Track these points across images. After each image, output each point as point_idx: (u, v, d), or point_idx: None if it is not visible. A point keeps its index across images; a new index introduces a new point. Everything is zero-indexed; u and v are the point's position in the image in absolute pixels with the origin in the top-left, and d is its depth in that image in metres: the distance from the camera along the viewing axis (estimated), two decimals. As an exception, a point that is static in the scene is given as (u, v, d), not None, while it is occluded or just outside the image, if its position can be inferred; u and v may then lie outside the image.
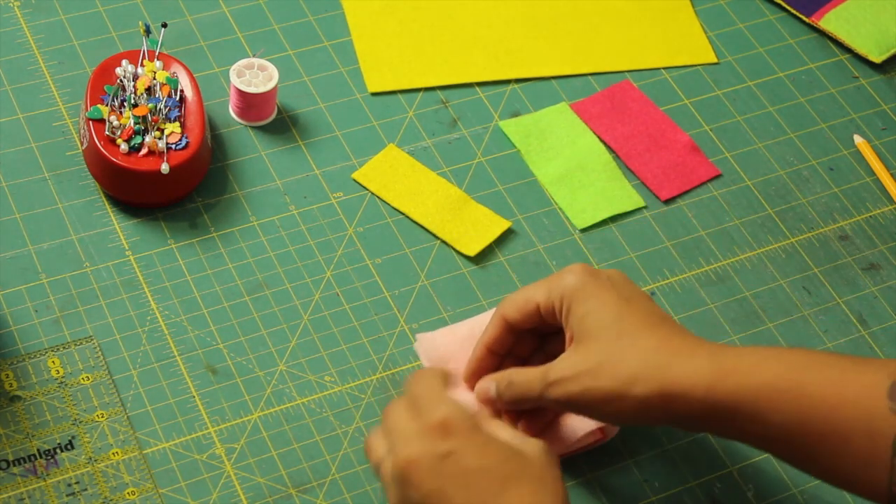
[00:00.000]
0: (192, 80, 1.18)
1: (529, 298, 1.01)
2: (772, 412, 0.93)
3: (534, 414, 1.04)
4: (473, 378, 1.04)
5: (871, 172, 1.26)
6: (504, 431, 0.96)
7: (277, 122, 1.23)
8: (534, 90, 1.28)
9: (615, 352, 0.96)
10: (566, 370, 0.97)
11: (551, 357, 1.01)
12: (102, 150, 1.13)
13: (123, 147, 1.13)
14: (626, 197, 1.21)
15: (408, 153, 1.22)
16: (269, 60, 1.23)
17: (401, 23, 1.30)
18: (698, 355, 0.95)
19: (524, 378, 1.00)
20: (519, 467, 0.92)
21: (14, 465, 1.01)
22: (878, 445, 0.90)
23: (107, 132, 1.14)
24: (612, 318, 0.97)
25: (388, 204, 1.19)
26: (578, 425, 1.05)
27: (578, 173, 1.22)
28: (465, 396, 1.05)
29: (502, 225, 1.18)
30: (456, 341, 1.09)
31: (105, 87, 1.16)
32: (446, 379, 1.00)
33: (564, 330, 1.00)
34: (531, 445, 0.94)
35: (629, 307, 0.98)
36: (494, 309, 1.05)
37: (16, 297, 1.09)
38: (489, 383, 1.02)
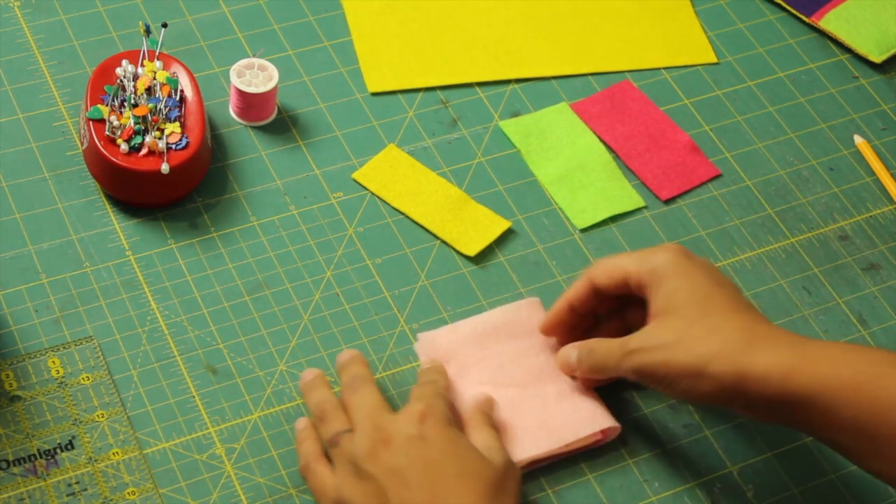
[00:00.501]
0: (192, 80, 1.18)
1: (620, 266, 1.03)
2: (846, 407, 0.94)
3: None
4: (548, 329, 1.08)
5: (871, 172, 1.26)
6: (480, 437, 0.99)
7: (277, 122, 1.23)
8: (534, 90, 1.28)
9: (697, 329, 0.98)
10: (647, 340, 0.99)
11: (628, 324, 1.05)
12: (102, 150, 1.13)
13: (123, 147, 1.13)
14: (626, 197, 1.21)
15: (408, 153, 1.22)
16: (269, 60, 1.23)
17: (401, 23, 1.30)
18: (780, 343, 0.97)
19: (605, 347, 1.03)
20: (478, 468, 0.95)
21: (14, 465, 1.01)
22: None
23: (107, 132, 1.14)
24: (700, 296, 1.00)
25: (388, 204, 1.19)
26: (579, 425, 1.05)
27: (578, 173, 1.22)
28: (469, 392, 1.06)
29: (502, 225, 1.18)
30: (457, 341, 1.09)
31: (105, 87, 1.16)
32: (447, 390, 1.03)
33: (649, 303, 1.02)
34: (498, 454, 0.98)
35: (718, 290, 1.00)
36: (506, 305, 1.08)
37: (16, 297, 1.09)
38: (571, 350, 1.05)
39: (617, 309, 1.08)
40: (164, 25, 1.20)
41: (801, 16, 1.36)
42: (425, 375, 1.05)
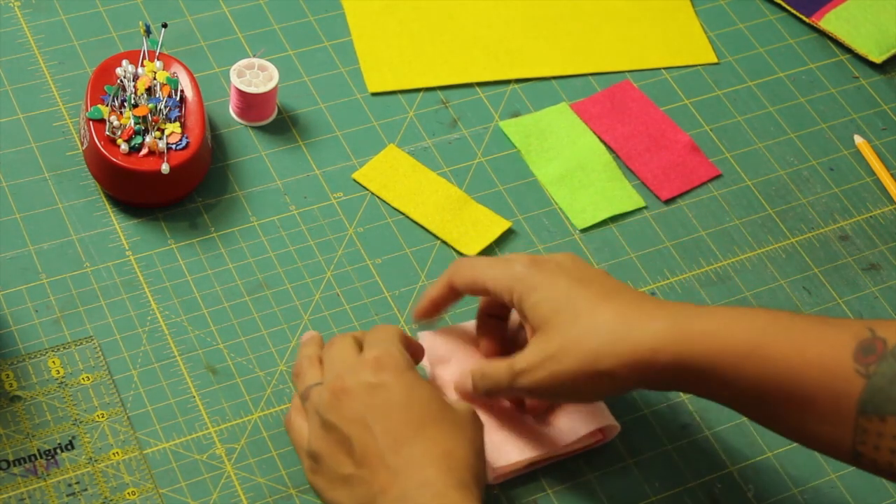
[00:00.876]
0: (193, 80, 1.18)
1: (476, 278, 1.03)
2: (737, 376, 0.93)
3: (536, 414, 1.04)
4: (419, 316, 1.08)
5: (871, 172, 1.26)
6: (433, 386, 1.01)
7: (277, 122, 1.23)
8: (534, 90, 1.28)
9: (574, 333, 0.97)
10: (530, 359, 0.98)
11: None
12: (102, 150, 1.13)
13: (123, 147, 1.13)
14: (626, 197, 1.21)
15: (408, 153, 1.22)
16: (269, 60, 1.23)
17: (401, 23, 1.30)
18: (658, 320, 0.95)
19: (495, 370, 1.01)
20: (441, 413, 0.96)
21: (14, 465, 1.01)
22: (842, 406, 0.90)
23: (107, 132, 1.14)
24: (564, 301, 0.98)
25: (388, 204, 1.19)
26: (579, 425, 1.05)
27: (578, 173, 1.22)
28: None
29: (502, 225, 1.18)
30: (457, 340, 1.08)
31: (105, 87, 1.16)
32: (402, 336, 1.02)
33: (522, 318, 1.01)
34: (460, 404, 0.98)
35: (580, 287, 0.99)
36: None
37: (16, 297, 1.09)
38: (466, 377, 1.04)
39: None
40: (164, 25, 1.20)
41: (801, 16, 1.36)
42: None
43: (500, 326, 1.07)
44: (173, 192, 1.15)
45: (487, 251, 1.17)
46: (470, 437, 0.97)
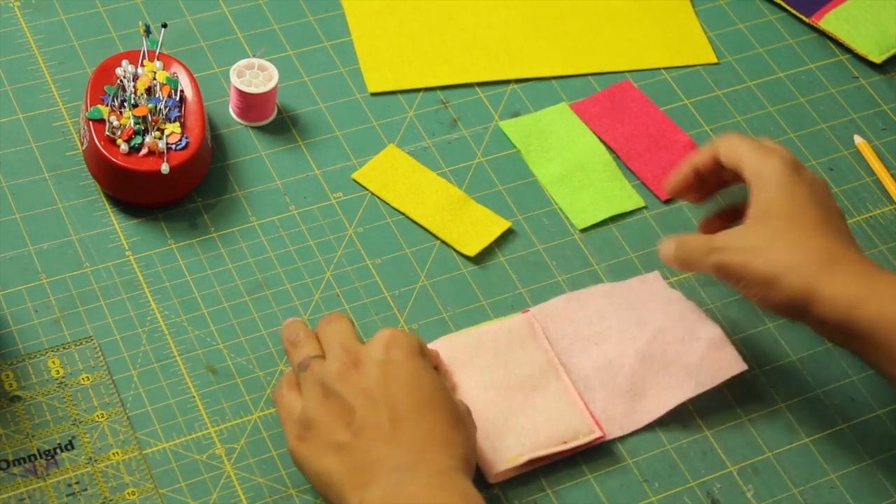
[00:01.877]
0: (192, 80, 1.18)
1: (738, 153, 1.07)
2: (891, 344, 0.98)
3: None
4: (673, 191, 1.13)
5: (871, 172, 1.26)
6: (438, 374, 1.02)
7: (277, 122, 1.23)
8: (534, 90, 1.28)
9: (781, 240, 1.02)
10: (732, 241, 1.04)
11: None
12: (102, 150, 1.13)
13: (123, 147, 1.13)
14: (626, 197, 1.21)
15: (408, 153, 1.22)
16: (269, 60, 1.23)
17: (401, 23, 1.30)
18: (854, 272, 1.00)
19: (694, 241, 1.07)
20: (444, 401, 0.98)
21: (14, 465, 1.01)
22: None
23: (107, 132, 1.14)
24: (794, 211, 1.03)
25: (388, 204, 1.19)
26: (579, 425, 1.05)
27: (578, 173, 1.22)
28: (471, 396, 1.06)
29: (502, 225, 1.18)
30: (456, 348, 1.08)
31: (105, 87, 1.16)
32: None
33: (750, 202, 1.05)
34: (460, 402, 1.00)
35: (813, 208, 1.04)
36: (501, 320, 1.09)
37: (16, 297, 1.09)
38: (670, 241, 1.09)
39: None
40: (164, 25, 1.20)
41: (801, 16, 1.36)
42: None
43: (692, 181, 1.12)
44: (173, 192, 1.15)
45: (487, 251, 1.17)
46: (468, 430, 0.99)
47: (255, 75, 1.21)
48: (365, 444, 0.96)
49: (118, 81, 1.16)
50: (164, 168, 1.12)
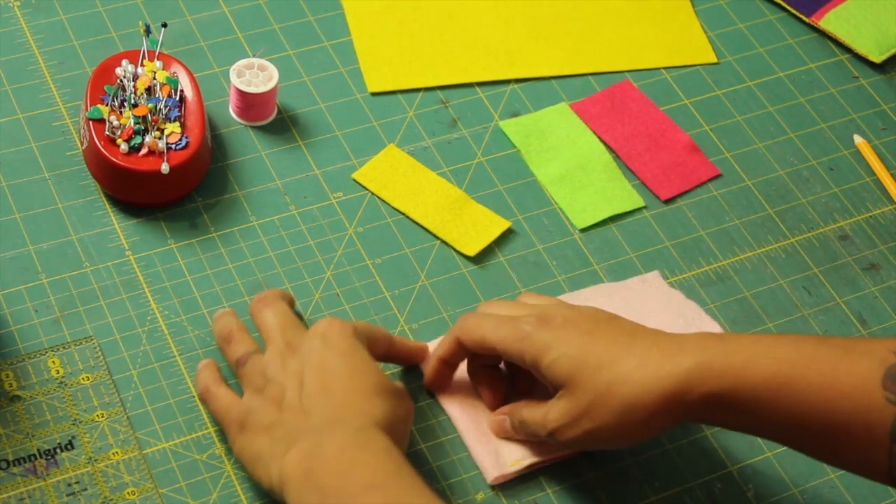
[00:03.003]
0: (192, 80, 1.18)
1: (485, 339, 1.02)
2: (768, 410, 0.93)
3: None
4: (432, 385, 1.07)
5: (871, 172, 1.26)
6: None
7: (277, 122, 1.23)
8: (534, 90, 1.28)
9: (601, 388, 0.97)
10: (561, 418, 0.99)
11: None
12: (102, 150, 1.13)
13: (123, 147, 1.13)
14: (626, 197, 1.21)
15: (408, 153, 1.22)
16: (269, 60, 1.23)
17: (401, 23, 1.30)
18: (683, 360, 0.95)
19: (532, 419, 1.01)
20: (371, 375, 0.99)
21: (14, 465, 1.01)
22: (875, 434, 0.91)
23: (107, 132, 1.14)
24: (582, 355, 0.98)
25: (388, 204, 1.19)
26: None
27: (578, 173, 1.22)
28: (469, 400, 1.06)
29: (502, 225, 1.18)
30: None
31: (105, 87, 1.16)
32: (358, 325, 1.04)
33: (539, 376, 1.00)
34: (396, 382, 1.00)
35: (593, 338, 0.98)
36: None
37: (16, 297, 1.09)
38: (503, 418, 1.04)
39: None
40: (164, 25, 1.20)
41: (801, 16, 1.36)
42: None
43: (494, 374, 1.06)
44: (173, 191, 1.15)
45: (487, 251, 1.16)
46: (395, 403, 0.98)
47: (255, 75, 1.21)
48: (288, 418, 0.97)
49: (118, 81, 1.16)
50: (164, 168, 1.12)
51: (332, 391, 0.97)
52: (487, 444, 1.04)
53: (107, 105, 1.15)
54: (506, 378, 1.06)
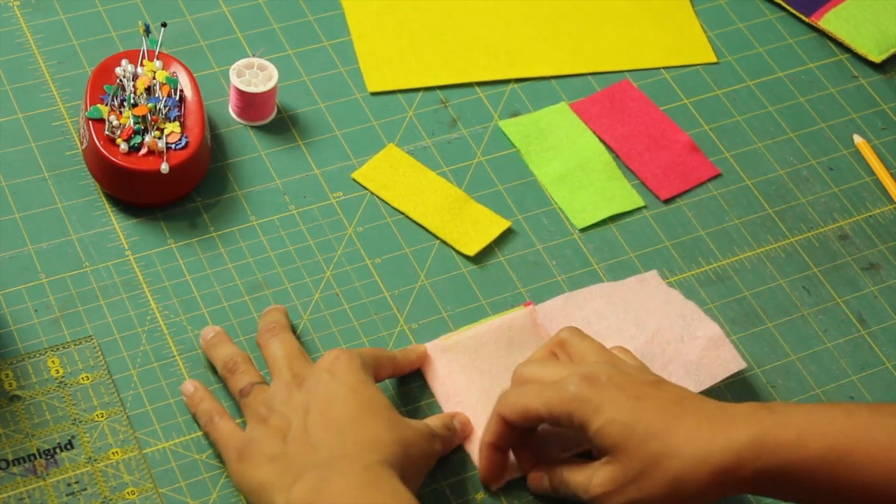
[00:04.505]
0: (192, 79, 1.18)
1: (530, 409, 0.98)
2: (825, 483, 0.93)
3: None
4: (492, 479, 1.03)
5: (871, 172, 1.26)
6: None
7: (277, 121, 1.23)
8: (534, 90, 1.28)
9: (651, 457, 0.95)
10: (607, 484, 0.96)
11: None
12: (102, 149, 1.13)
13: (123, 147, 1.13)
14: (626, 197, 1.21)
15: (408, 153, 1.22)
16: (269, 60, 1.23)
17: (401, 23, 1.30)
18: (736, 433, 0.94)
19: (574, 482, 0.99)
20: (380, 409, 0.98)
21: (14, 465, 1.01)
22: None
23: (106, 132, 1.14)
24: (633, 422, 0.95)
25: (388, 204, 1.19)
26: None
27: (578, 173, 1.22)
28: (469, 401, 1.06)
29: (502, 225, 1.18)
30: (456, 351, 1.08)
31: (105, 87, 1.16)
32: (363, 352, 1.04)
33: (585, 440, 0.98)
34: (418, 423, 0.99)
35: (642, 405, 0.96)
36: (502, 316, 1.06)
37: (16, 297, 1.09)
38: (542, 475, 1.02)
39: None
40: (164, 25, 1.20)
41: (800, 16, 1.36)
42: None
43: (527, 434, 1.03)
44: (173, 191, 1.15)
45: (487, 251, 1.16)
46: (405, 442, 0.96)
47: (255, 75, 1.21)
48: (296, 449, 0.96)
49: (118, 81, 1.16)
50: (164, 168, 1.12)
51: (341, 426, 0.96)
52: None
53: (106, 105, 1.15)
54: (537, 436, 1.04)
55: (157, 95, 1.16)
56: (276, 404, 0.99)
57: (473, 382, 1.07)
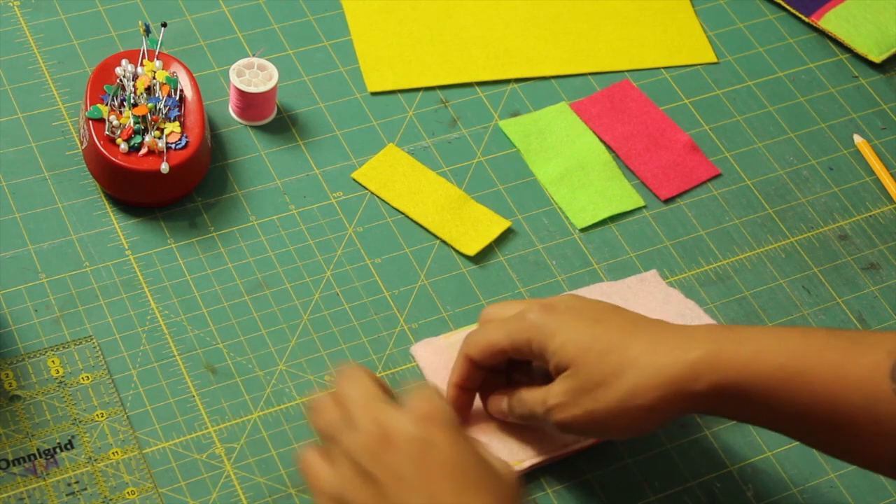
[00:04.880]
0: (192, 79, 1.18)
1: (493, 343, 1.00)
2: (776, 401, 0.93)
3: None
4: (460, 413, 1.03)
5: (871, 172, 1.26)
6: (481, 446, 0.95)
7: (277, 121, 1.23)
8: (534, 90, 1.28)
9: (607, 369, 0.96)
10: (563, 395, 0.97)
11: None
12: (102, 149, 1.13)
13: (123, 147, 1.13)
14: (626, 196, 1.21)
15: (408, 153, 1.22)
16: (269, 60, 1.23)
17: (401, 23, 1.30)
18: (692, 348, 0.95)
19: (531, 399, 1.00)
20: (485, 479, 0.90)
21: (14, 465, 1.01)
22: (883, 426, 0.91)
23: (106, 132, 1.14)
24: (590, 339, 0.97)
25: (388, 204, 1.19)
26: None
27: (578, 173, 1.22)
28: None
29: (502, 225, 1.18)
30: (455, 347, 1.08)
31: (105, 87, 1.16)
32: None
33: (545, 362, 0.99)
34: (503, 465, 0.93)
35: (601, 325, 0.98)
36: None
37: (16, 297, 1.09)
38: (501, 398, 1.03)
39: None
40: (164, 25, 1.20)
41: (800, 15, 1.36)
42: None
43: (496, 379, 1.04)
44: (173, 191, 1.15)
45: (487, 251, 1.17)
46: (504, 494, 0.92)
47: (255, 75, 1.21)
48: None
49: (118, 81, 1.16)
50: (164, 168, 1.12)
51: (440, 496, 0.89)
52: (489, 445, 1.04)
53: (106, 105, 1.15)
54: (505, 382, 1.05)
55: (157, 95, 1.16)
56: (364, 460, 0.90)
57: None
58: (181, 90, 1.17)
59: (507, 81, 1.28)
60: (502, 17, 1.32)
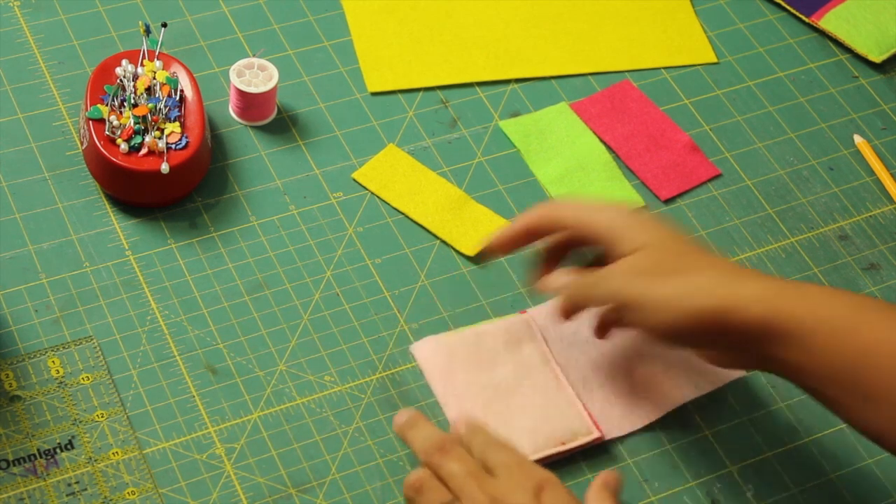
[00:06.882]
0: (192, 79, 1.18)
1: (582, 219, 1.03)
2: (827, 349, 0.92)
3: None
4: (500, 247, 1.08)
5: (871, 172, 1.26)
6: None
7: (277, 122, 1.23)
8: (534, 90, 1.28)
9: (677, 264, 0.98)
10: (625, 264, 0.99)
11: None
12: (102, 149, 1.13)
13: (123, 147, 1.13)
14: (626, 197, 1.21)
15: (408, 153, 1.22)
16: (269, 60, 1.23)
17: (401, 23, 1.30)
18: (761, 280, 0.97)
19: (588, 276, 1.02)
20: None
21: (14, 465, 1.01)
22: None
23: (107, 132, 1.14)
24: (669, 239, 1.01)
25: (388, 204, 1.19)
26: (577, 426, 1.05)
27: (578, 173, 1.22)
28: (469, 399, 1.06)
29: (502, 225, 1.18)
30: (456, 347, 1.08)
31: (105, 87, 1.16)
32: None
33: (614, 248, 1.01)
34: None
35: (682, 237, 1.02)
36: (499, 321, 1.07)
37: (16, 297, 1.09)
38: (560, 275, 1.05)
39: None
40: (164, 25, 1.20)
41: (801, 16, 1.36)
42: (483, 439, 0.98)
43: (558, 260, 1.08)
44: (173, 191, 1.15)
45: (487, 251, 1.17)
46: None
47: (255, 75, 1.21)
48: None
49: (118, 81, 1.16)
50: (164, 168, 1.12)
51: None
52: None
53: (107, 105, 1.15)
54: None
55: (157, 95, 1.16)
56: None
57: (471, 377, 1.07)
58: (181, 90, 1.17)
59: (508, 81, 1.28)
60: (502, 17, 1.32)
